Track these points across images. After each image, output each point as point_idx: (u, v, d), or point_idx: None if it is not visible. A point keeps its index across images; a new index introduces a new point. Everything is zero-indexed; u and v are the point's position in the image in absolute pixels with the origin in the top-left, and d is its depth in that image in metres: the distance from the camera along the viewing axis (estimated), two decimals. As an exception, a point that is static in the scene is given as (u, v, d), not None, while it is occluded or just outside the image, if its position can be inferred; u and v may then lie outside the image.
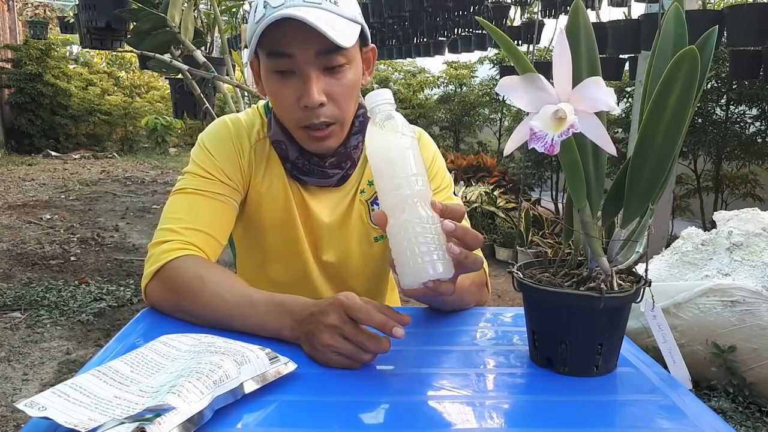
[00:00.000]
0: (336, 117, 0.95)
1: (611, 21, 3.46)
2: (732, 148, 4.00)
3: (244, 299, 0.83)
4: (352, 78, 0.95)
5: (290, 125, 0.98)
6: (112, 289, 3.29)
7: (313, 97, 0.90)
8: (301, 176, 1.04)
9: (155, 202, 5.99)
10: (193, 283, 0.87)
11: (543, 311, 0.74)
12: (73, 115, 9.72)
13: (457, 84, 7.40)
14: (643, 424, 0.62)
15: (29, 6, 9.61)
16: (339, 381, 0.70)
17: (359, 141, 1.05)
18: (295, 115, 0.94)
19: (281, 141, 1.02)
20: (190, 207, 0.98)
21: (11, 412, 2.06)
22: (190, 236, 0.93)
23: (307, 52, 0.89)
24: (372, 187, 1.10)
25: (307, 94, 0.90)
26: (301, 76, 0.91)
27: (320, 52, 0.90)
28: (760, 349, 2.04)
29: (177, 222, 0.95)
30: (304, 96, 0.91)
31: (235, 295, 0.84)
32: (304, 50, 0.89)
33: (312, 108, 0.92)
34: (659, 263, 2.43)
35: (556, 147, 0.60)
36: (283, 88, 0.93)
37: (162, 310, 0.91)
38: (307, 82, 0.91)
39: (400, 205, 0.69)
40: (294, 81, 0.92)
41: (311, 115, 0.93)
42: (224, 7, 3.43)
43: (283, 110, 0.97)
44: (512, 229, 4.18)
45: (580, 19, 0.69)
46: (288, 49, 0.89)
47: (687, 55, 0.60)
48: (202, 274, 0.88)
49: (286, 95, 0.93)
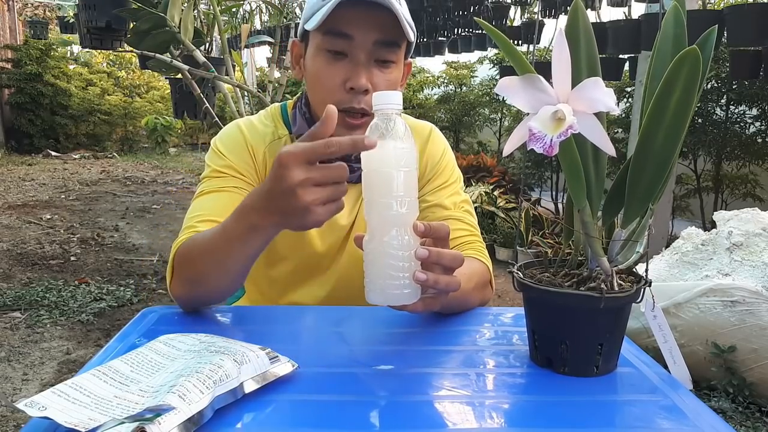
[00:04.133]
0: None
1: (611, 21, 3.46)
2: (732, 148, 4.00)
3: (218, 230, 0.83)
4: (396, 77, 0.98)
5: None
6: (112, 289, 3.29)
7: (362, 80, 0.92)
8: None
9: (155, 202, 5.99)
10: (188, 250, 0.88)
11: (543, 311, 0.74)
12: (73, 115, 9.73)
13: (457, 84, 7.40)
14: (643, 424, 0.62)
15: (29, 6, 9.61)
16: (339, 381, 0.70)
17: None
18: (337, 97, 0.95)
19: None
20: (203, 204, 0.99)
21: (11, 412, 2.06)
22: (200, 226, 0.94)
23: (367, 38, 0.92)
24: None
25: (357, 76, 0.93)
26: (353, 60, 0.93)
27: (379, 42, 0.93)
28: (760, 349, 2.04)
29: (192, 220, 0.96)
30: (353, 78, 0.93)
31: (212, 234, 0.84)
32: (365, 35, 0.92)
33: (357, 92, 0.94)
34: (659, 263, 2.43)
35: (554, 148, 0.60)
36: (331, 68, 0.94)
37: (186, 299, 0.91)
38: (358, 65, 0.93)
39: (381, 226, 0.69)
40: (344, 63, 0.94)
41: (353, 99, 0.94)
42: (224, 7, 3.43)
43: (324, 91, 0.97)
44: (512, 229, 4.18)
45: (580, 19, 0.69)
46: (350, 30, 0.92)
47: (688, 56, 0.60)
48: (193, 239, 0.89)
49: (332, 75, 0.94)
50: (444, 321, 0.91)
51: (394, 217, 0.68)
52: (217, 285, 0.87)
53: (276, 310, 1.01)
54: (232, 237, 0.79)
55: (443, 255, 0.72)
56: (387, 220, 0.68)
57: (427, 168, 1.11)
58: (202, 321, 0.89)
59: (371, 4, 0.89)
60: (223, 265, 0.83)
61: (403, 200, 0.68)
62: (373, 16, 0.90)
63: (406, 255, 0.69)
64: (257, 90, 3.12)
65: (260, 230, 0.76)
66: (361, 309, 0.95)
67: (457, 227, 1.04)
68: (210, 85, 2.99)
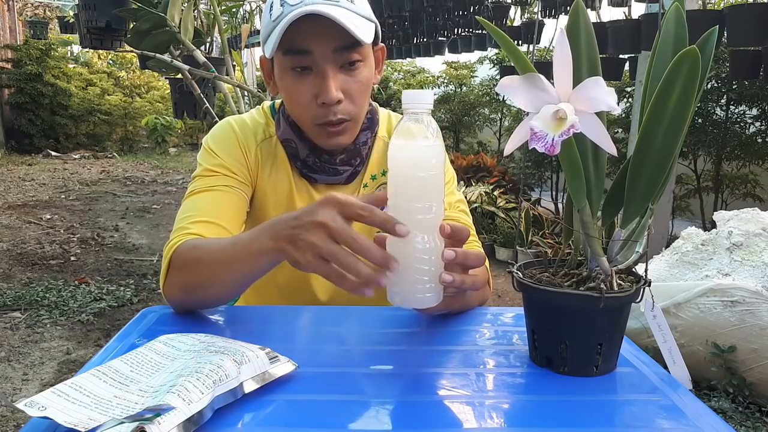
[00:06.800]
0: (351, 114, 0.96)
1: (611, 21, 3.46)
2: (732, 148, 4.00)
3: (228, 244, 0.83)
4: (367, 75, 0.96)
5: (306, 123, 0.98)
6: (112, 289, 3.29)
7: (332, 94, 0.91)
8: (311, 174, 1.04)
9: (155, 202, 5.99)
10: (191, 255, 0.87)
11: (543, 311, 0.74)
12: (73, 115, 9.72)
13: (457, 84, 7.39)
14: (643, 424, 0.62)
15: (29, 6, 9.61)
16: (339, 381, 0.70)
17: (368, 137, 1.06)
18: (312, 113, 0.95)
19: (291, 140, 1.03)
20: (196, 204, 0.98)
21: (11, 411, 2.06)
22: (193, 227, 0.93)
23: (325, 49, 0.91)
24: (375, 181, 1.09)
25: (326, 91, 0.91)
26: (319, 73, 0.92)
27: (338, 49, 0.91)
28: (760, 349, 2.04)
29: (184, 221, 0.96)
30: (322, 93, 0.92)
31: (225, 244, 0.83)
32: (322, 46, 0.91)
33: (329, 105, 0.93)
34: (659, 263, 2.43)
35: (556, 147, 0.60)
36: (300, 86, 0.94)
37: (180, 302, 0.90)
38: (324, 78, 0.92)
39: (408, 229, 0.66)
40: (311, 78, 0.93)
41: (328, 112, 0.94)
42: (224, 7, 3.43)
43: (299, 108, 0.97)
44: (512, 229, 4.18)
45: (581, 19, 0.69)
46: (306, 45, 0.91)
47: (688, 56, 0.60)
48: (197, 245, 0.88)
49: (302, 93, 0.94)
50: (444, 321, 0.90)
51: (422, 222, 0.66)
52: (215, 294, 0.87)
53: (276, 310, 1.01)
54: (241, 254, 0.78)
55: (468, 255, 0.72)
56: (415, 225, 0.66)
57: None
58: (202, 321, 0.89)
59: (318, 15, 0.87)
60: (227, 279, 0.83)
61: (432, 204, 0.66)
62: (323, 26, 0.88)
63: (433, 259, 0.67)
64: (257, 90, 3.12)
65: (269, 253, 0.75)
66: (361, 309, 0.95)
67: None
68: (210, 85, 2.99)
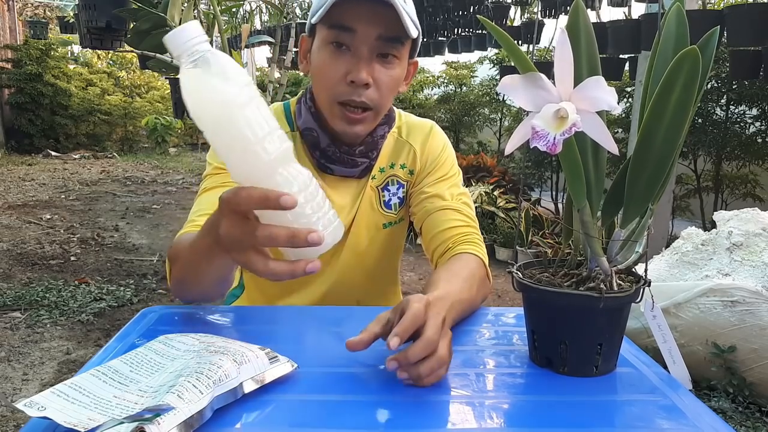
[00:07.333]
0: (375, 103, 0.98)
1: (611, 21, 3.46)
2: (732, 148, 4.00)
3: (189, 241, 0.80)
4: (399, 74, 0.99)
5: (328, 100, 0.99)
6: (112, 289, 3.29)
7: (362, 74, 0.94)
8: (329, 165, 1.05)
9: (155, 202, 5.99)
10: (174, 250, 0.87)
11: (543, 311, 0.74)
12: (73, 115, 9.72)
13: (457, 84, 7.40)
14: (643, 424, 0.62)
15: (29, 6, 9.61)
16: (339, 381, 0.70)
17: (385, 132, 1.08)
18: (338, 89, 0.96)
19: (312, 129, 1.04)
20: (207, 200, 0.99)
21: (11, 412, 2.06)
22: (200, 220, 0.92)
23: (370, 32, 0.93)
24: (383, 174, 1.11)
25: (357, 70, 0.94)
26: (355, 54, 0.95)
27: (381, 37, 0.94)
28: (760, 349, 2.04)
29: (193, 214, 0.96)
30: (354, 71, 0.94)
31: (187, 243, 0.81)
32: (368, 29, 0.93)
33: (357, 85, 0.95)
34: (659, 263, 2.43)
35: (558, 146, 0.60)
36: (334, 61, 0.95)
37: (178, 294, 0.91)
38: (360, 59, 0.94)
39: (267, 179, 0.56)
40: (347, 57, 0.95)
41: (353, 92, 0.95)
42: (224, 7, 3.43)
43: (326, 83, 0.98)
44: (512, 229, 4.18)
45: (581, 19, 0.69)
46: (353, 24, 0.93)
47: (688, 56, 0.60)
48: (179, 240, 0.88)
49: (335, 68, 0.96)
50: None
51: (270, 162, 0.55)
52: (198, 290, 0.87)
53: (276, 310, 1.01)
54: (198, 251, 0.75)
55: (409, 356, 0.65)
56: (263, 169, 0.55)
57: (428, 161, 1.12)
58: (201, 321, 0.89)
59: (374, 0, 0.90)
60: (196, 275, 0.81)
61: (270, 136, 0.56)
62: (376, 11, 0.91)
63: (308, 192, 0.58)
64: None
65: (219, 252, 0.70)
66: (360, 309, 0.95)
67: (455, 217, 1.05)
68: (210, 85, 2.99)
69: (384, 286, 1.20)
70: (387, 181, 1.11)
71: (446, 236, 1.03)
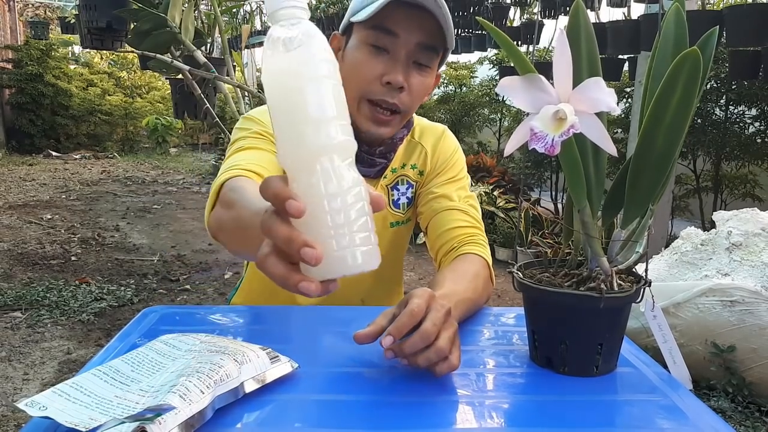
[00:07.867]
0: (405, 107, 1.00)
1: (611, 21, 3.46)
2: (731, 149, 4.00)
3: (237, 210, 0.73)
4: (429, 83, 1.02)
5: (358, 97, 0.99)
6: (112, 289, 3.29)
7: (399, 77, 0.96)
8: None
9: (156, 202, 5.99)
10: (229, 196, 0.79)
11: (543, 311, 0.74)
12: (74, 115, 9.73)
13: (457, 84, 7.40)
14: (643, 424, 0.63)
15: (30, 6, 9.61)
16: (339, 381, 0.70)
17: (404, 134, 1.10)
18: (372, 88, 0.98)
19: None
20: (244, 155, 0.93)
21: (12, 411, 2.06)
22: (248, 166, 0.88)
23: (411, 39, 0.96)
24: (394, 174, 1.13)
25: (395, 72, 0.96)
26: (393, 57, 0.97)
27: (421, 45, 0.96)
28: (760, 348, 2.04)
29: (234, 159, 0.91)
30: (391, 73, 0.96)
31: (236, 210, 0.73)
32: (409, 35, 0.95)
33: (392, 87, 0.97)
34: (659, 263, 2.43)
35: (556, 147, 0.60)
36: (370, 62, 0.97)
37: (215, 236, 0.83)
38: (397, 63, 0.96)
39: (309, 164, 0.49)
40: (384, 59, 0.97)
41: (387, 93, 0.97)
42: (225, 8, 3.43)
43: (360, 81, 0.98)
44: (512, 229, 4.18)
45: (581, 19, 0.69)
46: (396, 28, 0.95)
47: (689, 56, 0.60)
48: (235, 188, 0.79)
49: (371, 68, 0.97)
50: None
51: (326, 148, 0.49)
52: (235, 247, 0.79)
53: (276, 310, 1.01)
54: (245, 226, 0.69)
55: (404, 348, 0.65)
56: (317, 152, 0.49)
57: (438, 162, 1.14)
58: (202, 321, 0.89)
59: (420, 7, 0.92)
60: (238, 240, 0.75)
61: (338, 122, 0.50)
62: (419, 18, 0.94)
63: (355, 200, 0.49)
64: (257, 90, 3.12)
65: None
66: (361, 309, 0.95)
67: (461, 218, 1.06)
68: (211, 86, 2.99)
69: (388, 286, 1.21)
70: (397, 181, 1.12)
71: (451, 236, 1.05)
